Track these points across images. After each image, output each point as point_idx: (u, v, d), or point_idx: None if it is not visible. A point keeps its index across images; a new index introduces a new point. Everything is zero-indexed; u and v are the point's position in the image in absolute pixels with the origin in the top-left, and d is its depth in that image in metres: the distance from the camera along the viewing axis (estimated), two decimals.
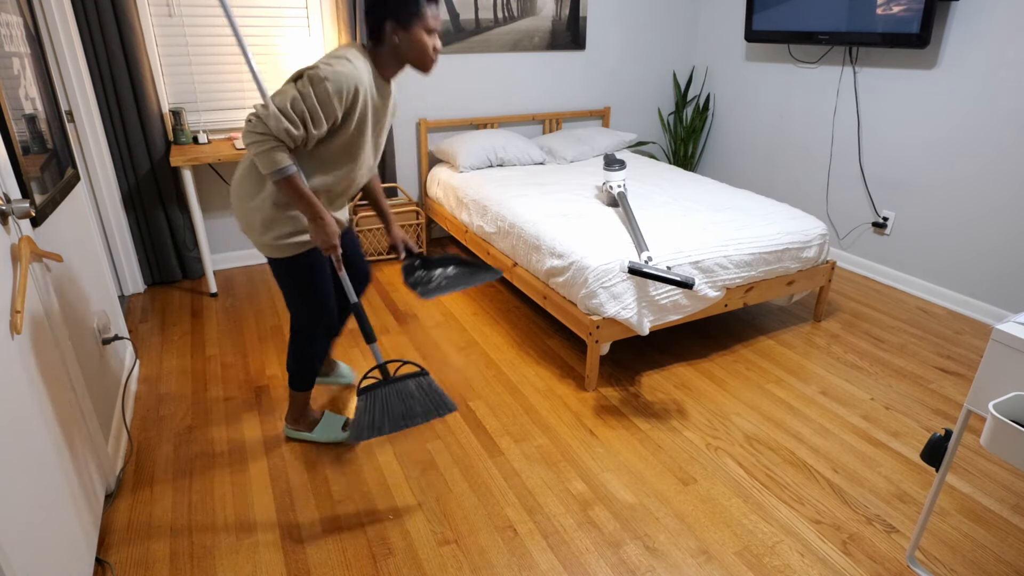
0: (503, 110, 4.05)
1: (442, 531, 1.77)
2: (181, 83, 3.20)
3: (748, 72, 4.14)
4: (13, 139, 1.51)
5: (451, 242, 4.08)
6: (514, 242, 2.82)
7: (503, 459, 2.06)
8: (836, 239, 3.76)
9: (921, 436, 2.19)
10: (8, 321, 1.29)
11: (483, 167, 3.64)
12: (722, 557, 1.70)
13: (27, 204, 1.41)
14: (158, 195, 3.22)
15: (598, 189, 3.21)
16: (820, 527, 1.80)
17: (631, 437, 2.18)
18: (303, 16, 3.34)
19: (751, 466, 2.04)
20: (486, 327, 2.95)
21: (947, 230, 3.14)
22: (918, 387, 2.49)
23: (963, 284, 3.11)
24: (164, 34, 3.09)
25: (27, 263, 1.38)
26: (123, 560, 1.67)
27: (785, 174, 4.02)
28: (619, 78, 4.36)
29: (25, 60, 1.78)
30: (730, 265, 2.51)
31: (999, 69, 2.80)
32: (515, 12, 3.83)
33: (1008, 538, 1.76)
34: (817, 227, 2.75)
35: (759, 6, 3.71)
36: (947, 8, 2.93)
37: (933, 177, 3.16)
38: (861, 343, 2.82)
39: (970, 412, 1.44)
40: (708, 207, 2.91)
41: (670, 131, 4.60)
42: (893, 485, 1.96)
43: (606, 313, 2.32)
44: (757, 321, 3.02)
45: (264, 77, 3.35)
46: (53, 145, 1.91)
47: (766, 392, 2.45)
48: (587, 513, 1.84)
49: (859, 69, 3.42)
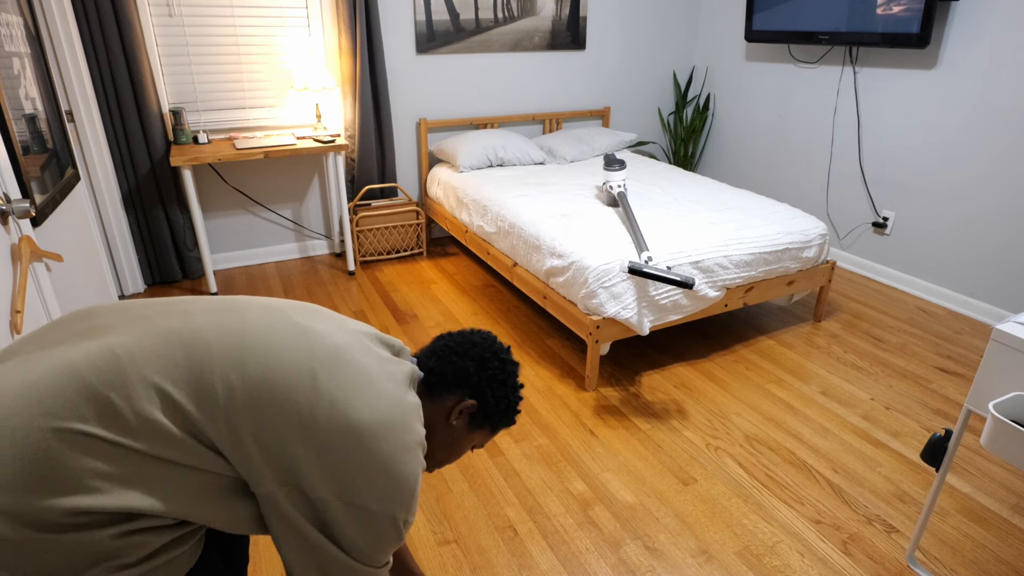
0: (503, 110, 4.05)
1: (442, 531, 1.77)
2: (181, 83, 3.20)
3: (748, 72, 4.14)
4: (13, 139, 1.51)
5: (451, 242, 4.08)
6: (514, 242, 2.82)
7: (503, 459, 2.06)
8: (836, 239, 3.76)
9: (921, 436, 2.19)
10: (8, 321, 1.29)
11: (483, 167, 3.64)
12: (722, 557, 1.70)
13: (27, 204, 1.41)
14: (158, 195, 3.22)
15: (598, 189, 3.21)
16: (820, 527, 1.80)
17: (631, 437, 2.18)
18: (303, 16, 3.34)
19: (751, 466, 2.04)
20: (486, 327, 2.95)
21: (947, 230, 3.14)
22: (918, 387, 2.49)
23: (963, 284, 3.11)
24: (164, 34, 3.09)
25: (27, 263, 1.38)
26: None
27: (785, 174, 4.02)
28: (619, 78, 4.36)
29: (25, 60, 1.78)
30: (730, 265, 2.51)
31: (999, 69, 2.80)
32: (515, 12, 3.83)
33: (1008, 538, 1.76)
34: (817, 227, 2.75)
35: (759, 6, 3.71)
36: (947, 8, 2.93)
37: (933, 177, 3.16)
38: (861, 343, 2.82)
39: (970, 412, 1.44)
40: (708, 207, 2.91)
41: (670, 131, 4.60)
42: (893, 485, 1.96)
43: (606, 313, 2.32)
44: (757, 321, 3.02)
45: (263, 76, 3.35)
46: (53, 145, 1.91)
47: (766, 392, 2.45)
48: (587, 513, 1.84)
49: (859, 69, 3.42)
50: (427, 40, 3.65)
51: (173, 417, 0.77)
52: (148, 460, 0.76)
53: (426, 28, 3.62)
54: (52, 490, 0.71)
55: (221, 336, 0.84)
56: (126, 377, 0.76)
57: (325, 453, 0.81)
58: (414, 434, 0.89)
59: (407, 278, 3.50)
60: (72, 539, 0.73)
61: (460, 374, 1.03)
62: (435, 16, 3.62)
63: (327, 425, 0.82)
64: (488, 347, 1.06)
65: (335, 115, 3.57)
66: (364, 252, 3.70)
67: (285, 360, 0.84)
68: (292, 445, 0.81)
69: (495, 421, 1.08)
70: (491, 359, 1.05)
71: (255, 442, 0.80)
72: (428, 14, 3.60)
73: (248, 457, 0.80)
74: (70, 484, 0.72)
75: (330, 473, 0.81)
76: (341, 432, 0.82)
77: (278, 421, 0.81)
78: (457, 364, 1.03)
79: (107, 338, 0.81)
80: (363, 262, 3.70)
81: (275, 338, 0.86)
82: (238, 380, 0.80)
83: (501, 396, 1.06)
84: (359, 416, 0.84)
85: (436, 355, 1.05)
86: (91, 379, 0.76)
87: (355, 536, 0.84)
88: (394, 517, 0.86)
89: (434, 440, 1.05)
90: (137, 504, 0.75)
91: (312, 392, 0.82)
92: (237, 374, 0.81)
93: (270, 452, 0.80)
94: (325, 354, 0.86)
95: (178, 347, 0.81)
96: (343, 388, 0.84)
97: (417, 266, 3.67)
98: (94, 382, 0.75)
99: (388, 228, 3.68)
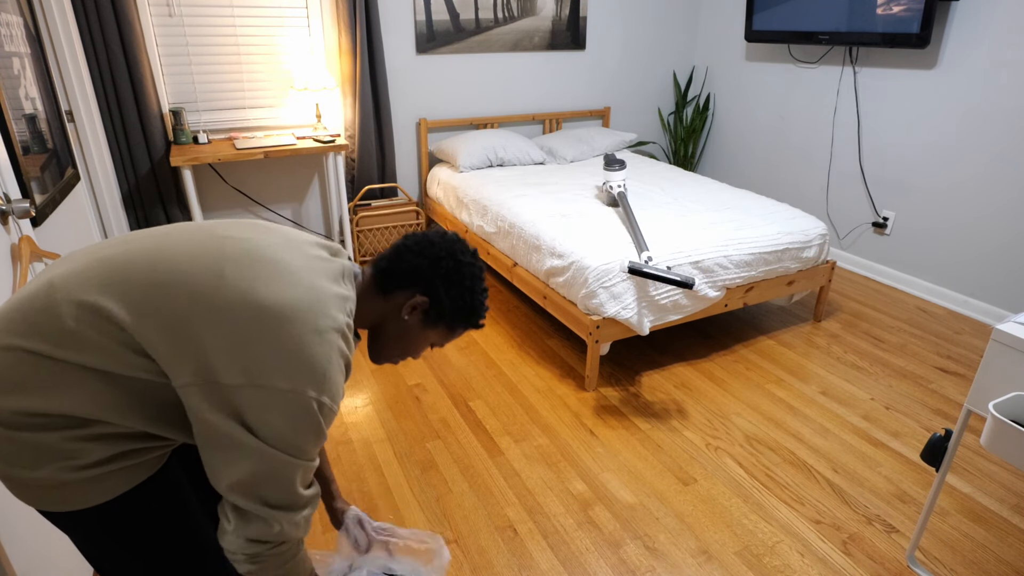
0: (503, 110, 4.05)
1: (442, 531, 1.77)
2: (181, 83, 3.20)
3: (748, 72, 4.14)
4: (13, 139, 1.51)
5: None
6: (514, 242, 2.82)
7: (503, 459, 2.06)
8: (836, 239, 3.76)
9: (921, 436, 2.19)
10: None
11: (483, 167, 3.64)
12: (722, 557, 1.70)
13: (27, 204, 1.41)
14: (158, 195, 3.22)
15: (598, 189, 3.21)
16: (820, 527, 1.80)
17: (631, 437, 2.18)
18: (303, 16, 3.34)
19: (751, 466, 2.04)
20: (486, 327, 2.95)
21: (947, 230, 3.14)
22: (918, 387, 2.49)
23: (963, 284, 3.11)
24: (164, 34, 3.09)
25: (27, 263, 1.38)
26: None
27: (785, 174, 4.02)
28: (619, 78, 4.36)
29: (25, 60, 1.78)
30: (730, 265, 2.51)
31: (999, 69, 2.80)
32: (515, 12, 3.83)
33: (1008, 538, 1.76)
34: (817, 227, 2.75)
35: (759, 6, 3.71)
36: (947, 8, 2.93)
37: (933, 177, 3.16)
38: (861, 343, 2.82)
39: (970, 412, 1.44)
40: (708, 207, 2.91)
41: (670, 131, 4.60)
42: (893, 485, 1.96)
43: (606, 313, 2.32)
44: (757, 321, 3.02)
45: (262, 76, 3.35)
46: (53, 145, 1.91)
47: (766, 392, 2.45)
48: (587, 513, 1.84)
49: (859, 69, 3.42)
50: (427, 40, 3.65)
51: (98, 328, 0.84)
52: (78, 369, 0.84)
53: (426, 28, 3.62)
54: (3, 391, 0.84)
55: (144, 253, 0.90)
56: (55, 300, 0.86)
57: (233, 336, 0.84)
58: (329, 320, 0.90)
59: None
60: (28, 437, 0.84)
61: (412, 271, 1.03)
62: (435, 16, 3.62)
63: (234, 309, 0.85)
64: (446, 247, 1.05)
65: (335, 115, 3.57)
66: (364, 252, 3.70)
67: (198, 261, 0.88)
68: (202, 332, 0.84)
69: (451, 320, 1.07)
70: (446, 258, 1.04)
71: (170, 335, 0.84)
72: (428, 14, 3.60)
73: (166, 352, 0.85)
74: (14, 387, 0.84)
75: (239, 356, 0.84)
76: (248, 315, 0.85)
77: (189, 312, 0.85)
78: (410, 262, 1.03)
79: (52, 272, 0.91)
80: (363, 262, 3.70)
81: (192, 245, 0.91)
82: (151, 281, 0.87)
83: (456, 296, 1.05)
84: (266, 300, 0.86)
85: (392, 253, 1.06)
86: (27, 304, 0.87)
87: (271, 422, 0.86)
88: (306, 396, 0.86)
89: (386, 333, 1.08)
90: (71, 408, 0.84)
91: (219, 281, 0.87)
92: (151, 278, 0.87)
93: (183, 343, 0.84)
94: (240, 254, 0.91)
95: (105, 267, 0.88)
96: (252, 279, 0.88)
97: None
98: (29, 307, 0.87)
99: (388, 228, 3.68)
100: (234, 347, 0.84)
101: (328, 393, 0.89)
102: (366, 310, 1.05)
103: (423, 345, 1.11)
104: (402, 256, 1.04)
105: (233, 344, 0.84)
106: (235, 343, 0.84)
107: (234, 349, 0.84)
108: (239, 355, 0.84)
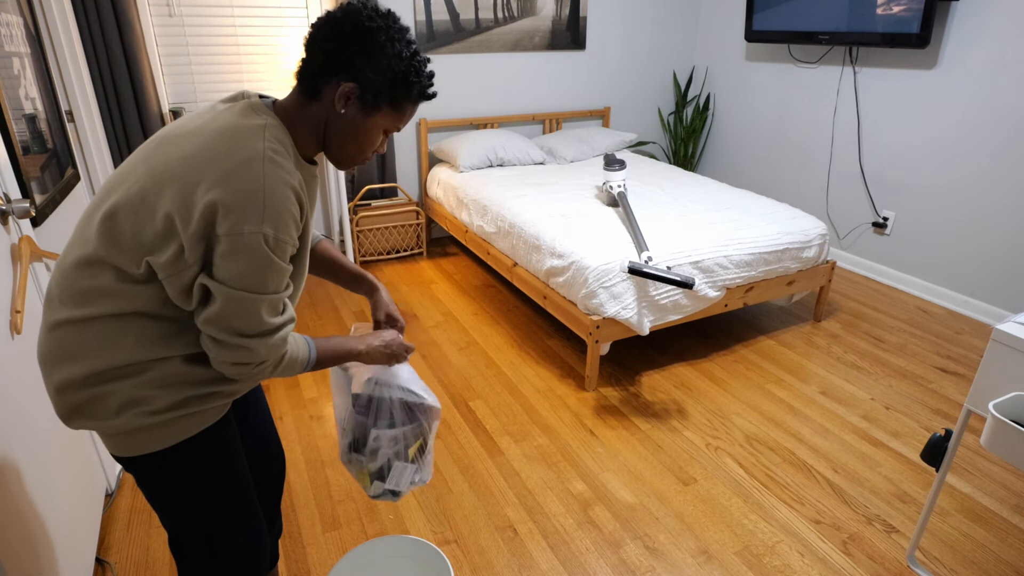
0: (503, 110, 4.05)
1: (442, 531, 1.77)
2: (181, 83, 3.20)
3: (748, 72, 4.14)
4: (13, 139, 1.51)
5: (451, 242, 4.08)
6: (514, 242, 2.82)
7: (503, 459, 2.06)
8: (836, 239, 3.76)
9: (921, 436, 2.19)
10: (8, 321, 1.29)
11: (483, 167, 3.64)
12: (722, 557, 1.70)
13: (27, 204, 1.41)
14: None
15: (598, 189, 3.21)
16: (820, 527, 1.80)
17: (631, 437, 2.18)
18: (303, 16, 3.34)
19: (751, 466, 2.04)
20: (486, 327, 2.95)
21: (947, 230, 3.14)
22: (918, 387, 2.49)
23: (963, 284, 3.11)
24: (164, 34, 3.09)
25: (27, 263, 1.38)
26: (123, 560, 1.67)
27: (785, 174, 4.02)
28: (619, 78, 4.36)
29: (25, 60, 1.78)
30: (730, 265, 2.51)
31: (999, 69, 2.80)
32: (515, 12, 3.83)
33: (1008, 538, 1.76)
34: (817, 227, 2.75)
35: (759, 6, 3.71)
36: (947, 8, 2.93)
37: (933, 177, 3.16)
38: (861, 343, 2.82)
39: (970, 412, 1.44)
40: (708, 207, 2.91)
41: (670, 131, 4.60)
42: (893, 485, 1.96)
43: (606, 313, 2.32)
44: (757, 321, 3.02)
45: (263, 76, 3.35)
46: (53, 145, 1.91)
47: (766, 392, 2.45)
48: (587, 513, 1.84)
49: (859, 69, 3.42)
50: (427, 40, 3.65)
51: (99, 276, 0.93)
52: (111, 319, 0.94)
53: (426, 28, 3.62)
54: (60, 363, 0.96)
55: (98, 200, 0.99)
56: (62, 273, 0.97)
57: (175, 202, 0.90)
58: (248, 151, 0.91)
59: (407, 278, 3.50)
60: (105, 390, 0.95)
61: (326, 60, 0.96)
62: (435, 16, 3.62)
63: (164, 181, 0.91)
64: (351, 20, 0.95)
65: None
66: (364, 252, 3.70)
67: (126, 176, 0.96)
68: (157, 210, 0.91)
69: (389, 96, 0.99)
70: (352, 34, 0.95)
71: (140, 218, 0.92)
72: (428, 14, 3.60)
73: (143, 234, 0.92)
74: (73, 357, 0.95)
75: (184, 216, 0.90)
76: (176, 178, 0.90)
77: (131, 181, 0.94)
78: (320, 51, 0.97)
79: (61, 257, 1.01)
80: (363, 262, 3.70)
81: (125, 169, 0.99)
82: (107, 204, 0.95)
83: (383, 67, 0.97)
84: (183, 159, 0.91)
85: (304, 52, 1.00)
86: (51, 286, 0.99)
87: (223, 265, 0.90)
88: (247, 234, 0.89)
89: (332, 135, 1.03)
90: (127, 356, 0.95)
91: (146, 168, 0.94)
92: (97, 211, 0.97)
93: (146, 222, 0.91)
94: (155, 144, 0.98)
95: (82, 221, 0.99)
96: (170, 153, 0.93)
97: (417, 266, 3.68)
98: (51, 286, 0.99)
99: (388, 228, 3.68)
100: (179, 209, 0.89)
101: (270, 222, 0.90)
102: (305, 124, 1.01)
103: (375, 135, 1.04)
104: (312, 48, 0.98)
105: (177, 207, 0.89)
106: (178, 207, 0.89)
107: (180, 211, 0.90)
108: (184, 215, 0.90)
